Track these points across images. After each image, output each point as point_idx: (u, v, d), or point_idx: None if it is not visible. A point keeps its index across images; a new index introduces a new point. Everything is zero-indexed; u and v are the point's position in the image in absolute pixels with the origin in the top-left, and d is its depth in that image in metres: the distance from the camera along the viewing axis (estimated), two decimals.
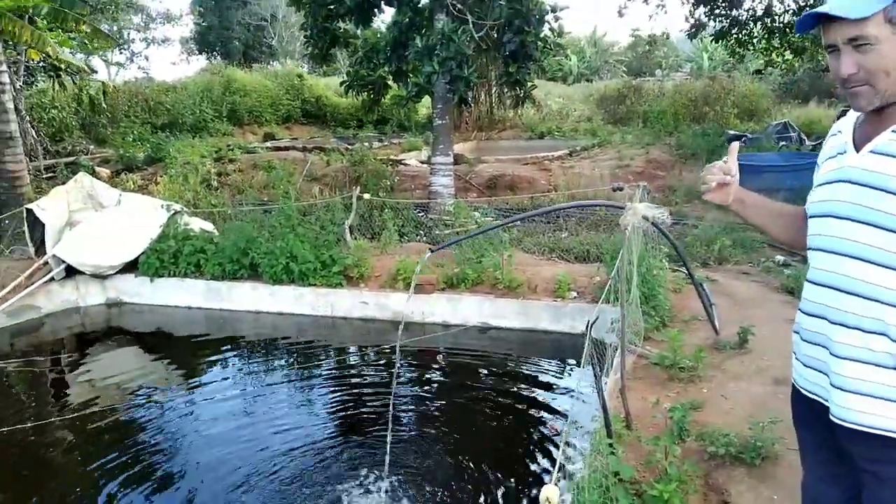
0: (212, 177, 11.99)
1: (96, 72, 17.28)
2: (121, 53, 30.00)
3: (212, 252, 7.35)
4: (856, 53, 1.52)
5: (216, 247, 7.40)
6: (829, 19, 1.54)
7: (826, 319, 1.63)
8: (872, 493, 1.63)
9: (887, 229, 1.49)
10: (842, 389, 1.60)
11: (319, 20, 10.22)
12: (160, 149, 13.64)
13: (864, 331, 1.55)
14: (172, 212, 7.67)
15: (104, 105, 14.73)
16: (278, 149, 15.96)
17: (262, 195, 10.76)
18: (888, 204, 1.48)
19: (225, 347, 6.46)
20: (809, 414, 1.78)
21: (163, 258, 7.37)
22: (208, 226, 8.09)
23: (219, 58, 29.59)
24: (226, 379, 5.74)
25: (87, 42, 12.08)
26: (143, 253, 7.42)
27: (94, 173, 11.62)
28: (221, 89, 19.29)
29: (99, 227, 7.56)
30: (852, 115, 1.70)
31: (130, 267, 7.51)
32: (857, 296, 1.56)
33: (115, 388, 5.50)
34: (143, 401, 5.19)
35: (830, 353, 1.63)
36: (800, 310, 1.76)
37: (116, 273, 7.50)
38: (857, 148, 1.59)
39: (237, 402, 5.15)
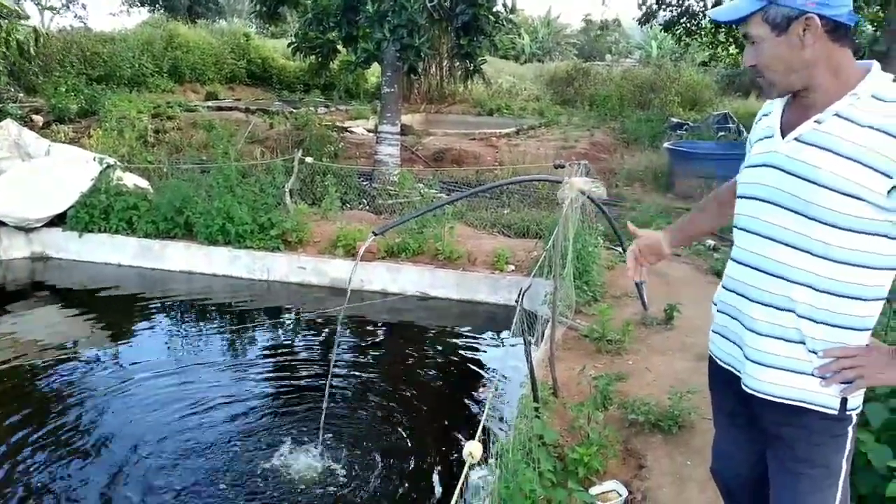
0: (149, 133, 11.59)
1: (28, 17, 16.33)
2: None
3: (145, 209, 7.12)
4: (752, 48, 1.64)
5: (150, 204, 7.18)
6: None
7: (745, 297, 1.72)
8: (776, 452, 1.75)
9: (806, 216, 1.56)
10: (755, 362, 1.69)
11: None
12: (95, 101, 13.07)
13: (776, 308, 1.64)
14: (105, 165, 7.37)
15: (33, 52, 13.97)
16: (220, 109, 15.51)
17: (201, 154, 10.45)
18: (811, 193, 1.55)
19: (155, 307, 6.29)
20: (722, 381, 1.88)
21: (93, 213, 7.10)
22: (143, 182, 7.83)
23: (162, 11, 28.39)
24: (155, 340, 5.59)
25: None
26: (71, 206, 7.12)
27: (25, 121, 11.09)
28: (163, 44, 18.56)
29: (25, 177, 7.20)
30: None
31: (58, 220, 7.21)
32: (774, 276, 1.64)
33: (36, 345, 5.29)
34: (67, 360, 5.01)
35: (744, 327, 1.72)
36: (722, 285, 1.85)
37: (43, 226, 7.19)
38: (784, 133, 1.66)
39: (166, 365, 5.01)
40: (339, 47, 11.03)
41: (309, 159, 8.53)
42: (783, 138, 1.65)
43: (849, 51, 1.58)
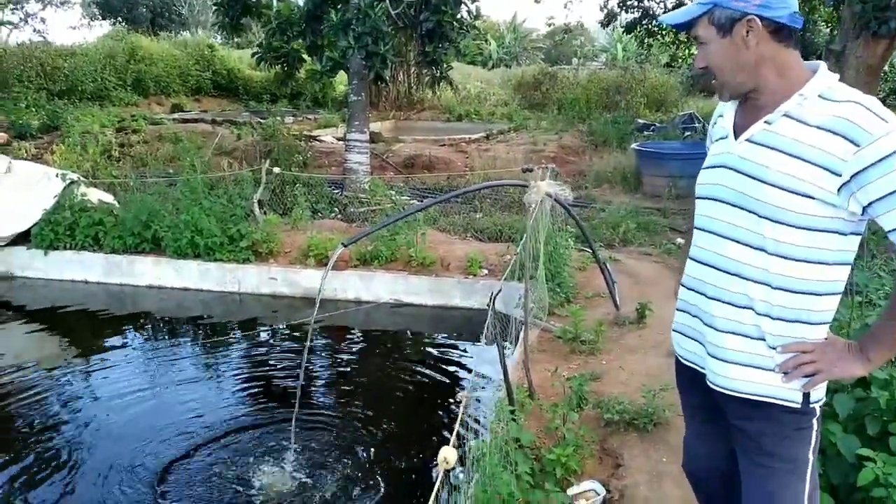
0: (113, 147, 11.40)
1: None
2: (13, 13, 27.86)
3: (111, 224, 6.99)
4: (701, 50, 1.69)
5: (116, 219, 7.05)
6: None
7: (704, 295, 1.75)
8: (743, 447, 1.78)
9: (759, 215, 1.60)
10: (717, 359, 1.73)
11: None
12: (57, 116, 12.81)
13: (735, 306, 1.68)
14: (69, 181, 7.25)
15: None
16: (186, 121, 15.31)
17: (168, 167, 10.31)
18: (761, 191, 1.59)
19: (126, 324, 6.19)
20: (689, 379, 1.92)
21: (58, 230, 6.96)
22: (108, 197, 7.69)
23: (123, 24, 28.00)
24: (127, 358, 5.48)
25: None
26: (35, 224, 6.98)
27: None
28: (126, 57, 18.29)
29: None
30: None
31: (22, 239, 7.07)
32: (731, 274, 1.68)
33: (4, 367, 5.15)
34: (35, 381, 4.89)
35: (705, 325, 1.76)
36: (682, 283, 1.88)
37: (6, 245, 7.03)
38: (737, 134, 1.70)
39: (138, 382, 4.92)
40: (305, 56, 10.97)
41: (277, 169, 8.46)
42: (736, 139, 1.69)
43: (795, 52, 1.63)
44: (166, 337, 5.99)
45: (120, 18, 29.90)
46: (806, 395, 1.67)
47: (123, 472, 3.74)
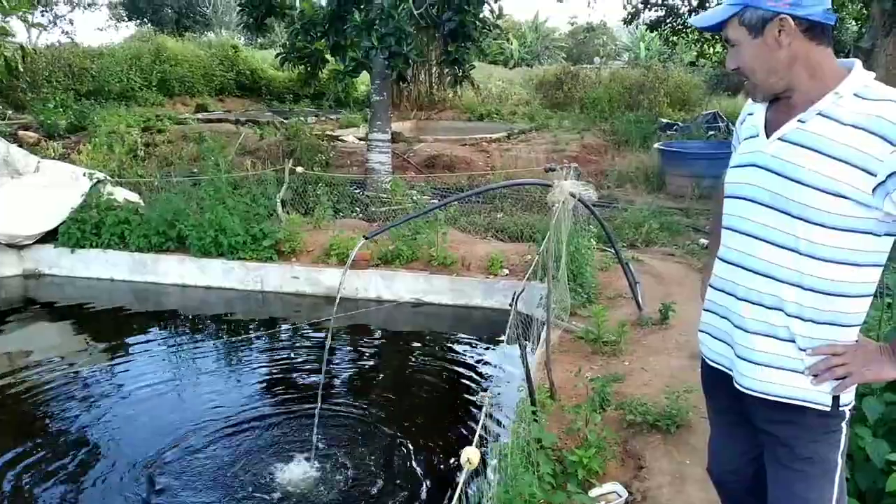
0: (139, 147, 11.54)
1: (14, 34, 16.28)
2: (42, 15, 28.37)
3: (137, 223, 7.09)
4: (732, 51, 1.66)
5: (142, 218, 7.15)
6: None
7: (733, 296, 1.73)
8: (770, 450, 1.76)
9: (793, 215, 1.57)
10: (746, 360, 1.70)
11: None
12: (84, 116, 13.00)
13: (765, 307, 1.65)
14: (95, 180, 7.36)
15: (21, 68, 13.92)
16: (210, 121, 15.46)
17: (192, 167, 10.42)
18: (794, 191, 1.56)
19: (151, 322, 6.27)
20: (715, 381, 1.89)
21: (84, 228, 7.07)
22: (133, 196, 7.81)
23: (149, 25, 28.36)
24: (152, 354, 5.56)
25: (2, 2, 11.35)
26: (62, 223, 7.10)
27: (16, 138, 11.06)
28: (151, 58, 18.50)
29: (15, 194, 7.18)
30: None
31: (49, 237, 7.19)
32: (761, 274, 1.65)
33: (32, 363, 5.25)
34: (63, 377, 4.98)
35: (735, 326, 1.73)
36: (710, 284, 1.85)
37: (34, 243, 7.16)
38: (768, 133, 1.67)
39: (163, 378, 5.00)
40: (328, 56, 11.02)
41: (300, 169, 8.52)
42: (767, 138, 1.66)
43: (828, 49, 1.60)
44: (190, 334, 6.06)
45: (145, 19, 30.31)
46: (836, 398, 1.64)
47: (146, 464, 3.80)
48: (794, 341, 1.63)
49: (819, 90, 1.57)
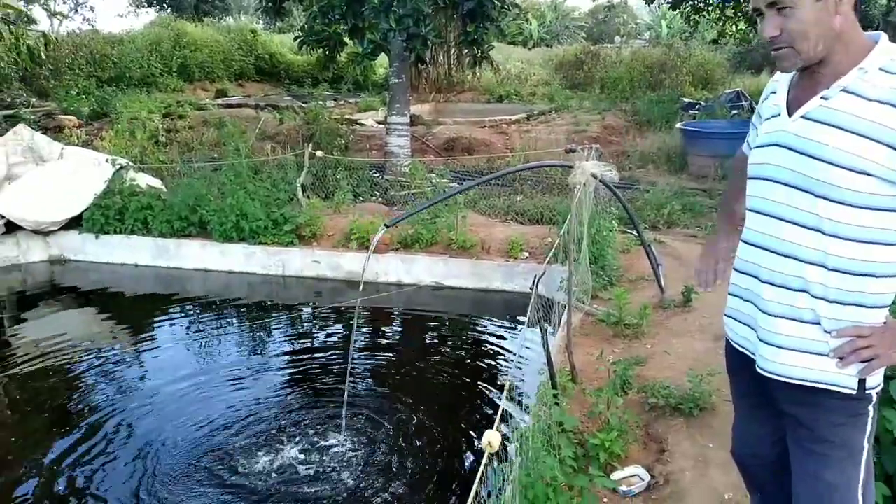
0: (160, 133, 11.63)
1: (37, 22, 16.45)
2: (64, 3, 28.59)
3: (159, 209, 7.16)
4: (778, 17, 1.54)
5: (164, 203, 7.22)
6: None
7: (757, 278, 1.69)
8: (795, 434, 1.73)
9: (815, 194, 1.53)
10: (769, 344, 1.67)
11: None
12: (106, 103, 13.14)
13: (789, 289, 1.62)
14: (118, 167, 7.44)
15: (44, 56, 14.06)
16: (230, 106, 15.54)
17: (213, 152, 10.49)
18: (817, 170, 1.52)
19: (174, 306, 6.34)
20: (739, 364, 1.86)
21: (108, 214, 7.16)
22: (156, 182, 7.88)
23: (169, 10, 28.45)
24: (176, 339, 5.65)
25: None
26: (87, 209, 7.20)
27: (56, 123, 11.28)
28: (171, 43, 18.60)
29: (40, 181, 7.29)
30: (787, 74, 1.73)
31: (74, 223, 7.29)
32: (786, 256, 1.61)
33: (59, 347, 5.35)
34: (89, 360, 5.07)
35: (759, 309, 1.70)
36: (734, 268, 1.82)
37: (59, 229, 7.27)
38: (790, 111, 1.62)
39: (188, 363, 5.07)
40: (346, 39, 10.99)
41: (319, 153, 8.52)
42: (790, 116, 1.62)
43: (857, 23, 1.55)
44: (214, 319, 6.12)
45: (165, 5, 30.38)
46: (862, 381, 1.60)
47: (169, 447, 3.87)
48: (818, 323, 1.60)
49: (847, 64, 1.53)
